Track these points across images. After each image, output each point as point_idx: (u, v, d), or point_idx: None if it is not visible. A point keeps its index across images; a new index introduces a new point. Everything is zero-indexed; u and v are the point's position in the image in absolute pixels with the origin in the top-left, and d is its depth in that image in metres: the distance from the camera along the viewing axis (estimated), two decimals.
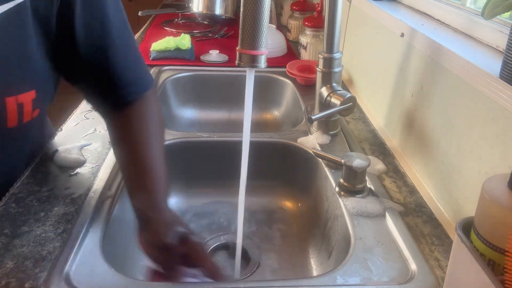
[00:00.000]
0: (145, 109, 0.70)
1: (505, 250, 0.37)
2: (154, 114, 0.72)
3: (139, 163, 0.65)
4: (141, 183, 0.64)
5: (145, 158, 0.66)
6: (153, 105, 0.72)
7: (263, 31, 0.56)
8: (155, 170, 0.65)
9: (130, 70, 0.69)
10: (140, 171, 0.64)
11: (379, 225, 0.65)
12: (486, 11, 0.57)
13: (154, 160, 0.66)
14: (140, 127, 0.69)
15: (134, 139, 0.68)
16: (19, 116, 0.62)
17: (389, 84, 0.91)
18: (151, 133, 0.69)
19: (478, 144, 0.61)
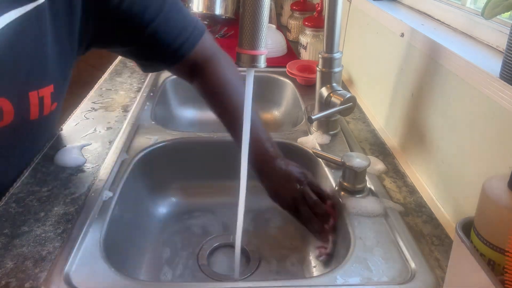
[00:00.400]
0: (213, 68, 0.75)
1: (505, 250, 0.37)
2: (218, 54, 0.76)
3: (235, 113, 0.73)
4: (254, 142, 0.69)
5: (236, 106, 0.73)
6: (212, 48, 0.76)
7: (262, 31, 0.56)
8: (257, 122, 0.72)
9: (176, 31, 0.71)
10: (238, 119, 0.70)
11: (379, 225, 0.65)
12: (486, 11, 0.57)
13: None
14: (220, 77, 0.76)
15: (226, 107, 0.75)
16: (40, 109, 0.65)
17: (389, 84, 0.91)
18: (232, 81, 0.75)
19: (478, 144, 0.61)
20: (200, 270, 0.75)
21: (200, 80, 0.76)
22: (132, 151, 0.83)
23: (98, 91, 1.07)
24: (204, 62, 0.75)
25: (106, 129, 0.89)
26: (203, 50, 0.74)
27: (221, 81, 0.75)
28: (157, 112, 1.05)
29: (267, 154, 0.71)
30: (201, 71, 0.75)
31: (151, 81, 1.15)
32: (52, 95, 0.66)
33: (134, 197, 0.80)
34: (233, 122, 0.74)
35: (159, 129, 0.91)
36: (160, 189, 0.88)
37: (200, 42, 0.73)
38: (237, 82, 0.76)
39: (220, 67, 0.76)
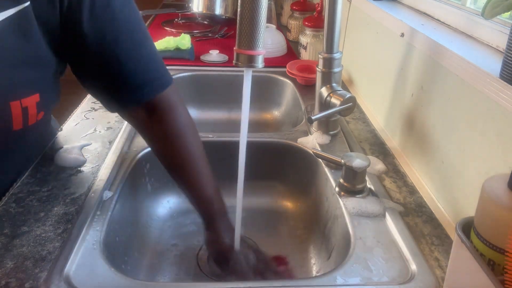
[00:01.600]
0: (169, 107, 0.71)
1: (505, 250, 0.37)
2: (180, 110, 0.72)
3: (192, 181, 0.72)
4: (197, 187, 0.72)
5: (194, 175, 0.72)
6: (176, 101, 0.72)
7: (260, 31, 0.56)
8: (205, 180, 0.72)
9: (144, 71, 0.67)
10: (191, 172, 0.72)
11: (379, 225, 0.65)
12: (486, 11, 0.57)
13: (200, 172, 0.72)
14: (175, 142, 0.71)
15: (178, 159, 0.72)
16: (24, 119, 0.62)
17: (389, 84, 0.91)
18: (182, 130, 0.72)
19: (478, 144, 0.61)
20: (200, 270, 0.75)
21: (155, 128, 0.71)
22: (132, 151, 0.83)
23: None
24: (164, 112, 0.70)
25: (106, 129, 0.89)
26: (167, 100, 0.70)
27: (175, 134, 0.71)
28: None
29: (213, 217, 0.72)
30: (158, 119, 0.70)
31: None
32: (38, 105, 0.63)
33: (134, 197, 0.80)
34: (183, 176, 0.73)
35: None
36: (160, 189, 0.88)
37: (166, 90, 0.69)
38: (192, 138, 0.73)
39: (178, 121, 0.71)
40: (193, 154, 0.72)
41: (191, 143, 0.72)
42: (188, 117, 0.73)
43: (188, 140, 0.72)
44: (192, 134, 0.73)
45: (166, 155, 0.73)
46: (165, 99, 0.69)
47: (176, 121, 0.71)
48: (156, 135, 0.72)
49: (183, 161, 0.72)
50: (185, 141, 0.71)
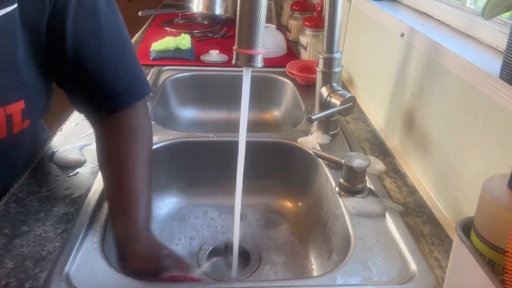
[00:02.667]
0: (134, 123, 0.68)
1: (505, 250, 0.37)
2: (143, 127, 0.69)
3: (123, 188, 0.63)
4: (123, 209, 0.62)
5: (129, 183, 0.63)
6: (142, 117, 0.69)
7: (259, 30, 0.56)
8: (138, 196, 0.63)
9: (122, 79, 0.66)
10: (124, 196, 0.63)
11: (379, 225, 0.65)
12: (486, 11, 0.57)
13: (138, 184, 0.64)
14: (126, 144, 0.66)
15: (120, 159, 0.66)
16: (8, 127, 0.60)
17: (389, 84, 0.91)
18: (137, 152, 0.66)
19: (478, 144, 0.61)
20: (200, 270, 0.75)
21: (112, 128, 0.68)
22: None
23: None
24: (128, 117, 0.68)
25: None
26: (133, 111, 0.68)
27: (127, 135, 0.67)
28: (157, 112, 1.05)
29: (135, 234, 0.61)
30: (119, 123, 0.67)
31: (151, 81, 1.15)
32: (23, 112, 0.61)
33: None
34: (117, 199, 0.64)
35: (159, 129, 0.91)
36: (160, 189, 0.88)
37: (135, 105, 0.68)
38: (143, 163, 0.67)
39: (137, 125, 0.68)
40: (138, 159, 0.66)
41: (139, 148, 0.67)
42: (148, 125, 0.71)
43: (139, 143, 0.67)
44: (146, 142, 0.69)
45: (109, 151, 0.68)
46: (135, 107, 0.68)
47: (135, 125, 0.68)
48: (110, 134, 0.68)
49: (125, 161, 0.66)
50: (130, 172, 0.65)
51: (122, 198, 0.63)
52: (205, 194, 0.92)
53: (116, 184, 0.64)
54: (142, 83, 0.70)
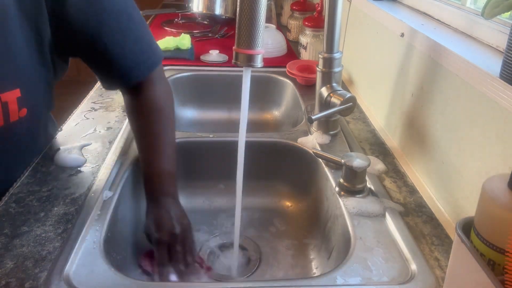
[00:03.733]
0: (151, 97, 0.74)
1: (505, 250, 0.37)
2: (161, 100, 0.76)
3: (152, 152, 0.73)
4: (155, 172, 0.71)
5: (156, 149, 0.73)
6: (158, 89, 0.75)
7: (259, 30, 0.56)
8: (165, 157, 0.73)
9: (128, 56, 0.70)
10: (154, 158, 0.72)
11: (379, 225, 0.65)
12: (486, 11, 0.57)
13: (164, 149, 0.73)
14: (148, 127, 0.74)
15: (146, 140, 0.74)
16: (4, 115, 0.62)
17: (389, 84, 0.91)
18: (160, 122, 0.74)
19: (478, 144, 0.61)
20: None
21: (136, 103, 0.76)
22: (132, 151, 0.83)
23: (98, 91, 1.07)
24: (146, 89, 0.74)
25: (106, 129, 0.89)
26: (150, 79, 0.74)
27: (150, 109, 0.75)
28: None
29: (160, 190, 0.71)
30: (140, 95, 0.75)
31: None
32: (18, 100, 0.63)
33: (134, 197, 0.80)
34: (146, 146, 0.74)
35: None
36: None
37: (149, 77, 0.73)
38: (166, 118, 0.76)
39: (157, 97, 0.75)
40: (159, 134, 0.74)
41: (160, 123, 0.75)
42: (167, 94, 0.77)
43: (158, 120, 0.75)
44: (165, 115, 0.76)
45: (136, 126, 0.76)
46: (147, 79, 0.73)
47: (155, 97, 0.75)
48: (131, 108, 0.76)
49: (152, 133, 0.74)
50: (155, 120, 0.74)
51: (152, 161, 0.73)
52: (205, 194, 0.92)
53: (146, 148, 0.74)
54: (151, 54, 0.73)
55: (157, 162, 0.72)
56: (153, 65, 0.73)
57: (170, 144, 0.74)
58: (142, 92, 0.74)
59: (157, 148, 0.73)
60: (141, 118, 0.75)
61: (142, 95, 0.74)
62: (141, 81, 0.73)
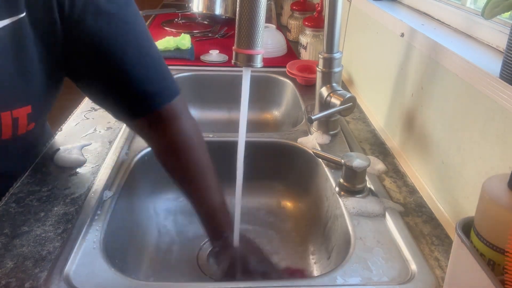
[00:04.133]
0: (174, 118, 0.68)
1: (505, 250, 0.37)
2: (188, 126, 0.70)
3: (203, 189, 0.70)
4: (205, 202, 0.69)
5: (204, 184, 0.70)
6: (183, 117, 0.69)
7: (259, 30, 0.56)
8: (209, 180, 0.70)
9: (153, 79, 0.65)
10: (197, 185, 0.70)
11: (379, 225, 0.65)
12: (486, 11, 0.57)
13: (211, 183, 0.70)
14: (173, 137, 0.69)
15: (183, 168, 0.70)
16: (13, 129, 0.61)
17: (389, 84, 0.91)
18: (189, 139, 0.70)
19: (478, 144, 0.61)
20: (200, 270, 0.75)
21: (160, 140, 0.70)
22: (132, 151, 0.83)
23: None
24: (169, 123, 0.68)
25: (106, 129, 0.89)
26: (172, 110, 0.68)
27: (180, 147, 0.69)
28: None
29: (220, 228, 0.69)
30: (163, 131, 0.68)
31: None
32: (29, 116, 0.62)
33: (134, 197, 0.80)
34: (189, 189, 0.70)
35: None
36: (160, 189, 0.88)
37: (174, 100, 0.67)
38: (198, 150, 0.70)
39: (183, 132, 0.69)
40: (199, 167, 0.70)
41: (197, 155, 0.70)
42: (194, 127, 0.71)
43: (194, 152, 0.70)
44: (198, 145, 0.70)
45: (171, 167, 0.70)
46: (171, 110, 0.67)
47: (181, 132, 0.69)
48: (161, 147, 0.70)
49: (189, 174, 0.69)
50: (191, 154, 0.69)
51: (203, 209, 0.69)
52: None
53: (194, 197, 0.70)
54: (171, 83, 0.68)
55: (206, 202, 0.69)
56: (174, 94, 0.68)
57: (210, 176, 0.70)
58: (166, 128, 0.68)
59: (201, 187, 0.70)
60: (172, 157, 0.70)
61: (170, 128, 0.68)
62: (161, 112, 0.67)
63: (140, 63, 0.63)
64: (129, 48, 0.62)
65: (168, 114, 0.67)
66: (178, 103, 0.68)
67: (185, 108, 0.70)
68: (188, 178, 0.70)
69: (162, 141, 0.69)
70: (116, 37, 0.61)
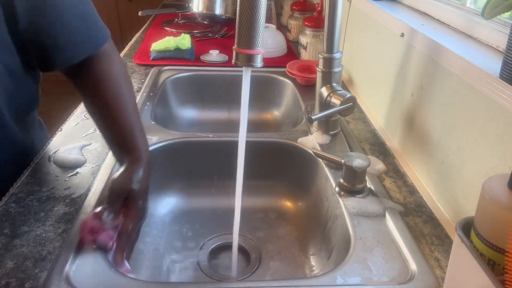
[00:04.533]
0: (106, 66, 0.72)
1: (505, 250, 0.37)
2: (116, 67, 0.74)
3: (115, 125, 0.71)
4: (122, 142, 0.70)
5: (119, 119, 0.70)
6: (111, 59, 0.74)
7: (259, 30, 0.56)
8: (131, 128, 0.71)
9: (77, 30, 0.69)
10: (118, 133, 0.71)
11: (379, 225, 0.65)
12: (486, 11, 0.57)
13: (127, 117, 0.71)
14: (104, 85, 0.71)
15: (102, 101, 0.71)
16: None
17: (389, 84, 0.91)
18: (118, 88, 0.72)
19: (478, 144, 0.61)
20: (200, 270, 0.75)
21: (88, 78, 0.73)
22: None
23: None
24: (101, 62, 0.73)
25: None
26: (102, 55, 0.72)
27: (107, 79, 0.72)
28: (157, 112, 1.05)
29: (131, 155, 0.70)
30: (92, 70, 0.72)
31: (151, 81, 1.15)
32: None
33: None
34: (109, 115, 0.72)
35: (159, 129, 0.91)
36: (160, 189, 0.88)
37: (102, 48, 0.72)
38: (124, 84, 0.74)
39: (110, 69, 0.73)
40: (123, 97, 0.72)
41: (122, 90, 0.72)
42: (121, 66, 0.75)
43: (120, 86, 0.72)
44: (125, 81, 0.74)
45: (95, 96, 0.72)
46: (101, 54, 0.72)
47: (108, 69, 0.72)
48: (88, 82, 0.73)
49: (112, 102, 0.71)
50: (117, 86, 0.72)
51: (120, 135, 0.71)
52: (205, 194, 0.92)
53: (107, 123, 0.72)
54: (100, 30, 0.72)
55: (125, 128, 0.71)
56: (102, 39, 0.72)
57: (131, 102, 0.73)
58: (96, 66, 0.72)
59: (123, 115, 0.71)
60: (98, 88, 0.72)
61: (97, 68, 0.72)
62: (92, 56, 0.71)
63: (74, 11, 0.67)
64: (52, 4, 0.65)
65: (100, 57, 0.72)
66: (106, 50, 0.73)
67: (111, 48, 0.75)
68: (109, 107, 0.71)
69: (89, 78, 0.72)
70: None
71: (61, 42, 0.68)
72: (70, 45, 0.69)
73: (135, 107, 0.73)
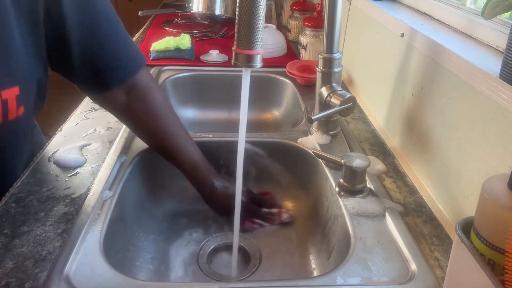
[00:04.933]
0: (147, 84, 0.76)
1: (505, 250, 0.37)
2: (156, 86, 0.79)
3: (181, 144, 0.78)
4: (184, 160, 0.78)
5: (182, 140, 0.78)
6: (152, 80, 0.79)
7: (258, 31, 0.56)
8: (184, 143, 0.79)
9: (124, 51, 0.72)
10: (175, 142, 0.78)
11: (379, 225, 0.65)
12: (486, 11, 0.57)
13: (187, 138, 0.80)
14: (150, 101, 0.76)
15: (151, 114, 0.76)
16: (3, 112, 0.62)
17: (389, 84, 0.91)
18: (162, 104, 0.78)
19: (478, 144, 0.61)
20: (200, 270, 0.75)
21: (135, 107, 0.76)
22: (132, 151, 0.83)
23: None
24: (144, 90, 0.76)
25: (106, 129, 0.90)
26: (144, 79, 0.76)
27: (156, 111, 0.77)
28: None
29: (205, 178, 0.79)
30: (139, 98, 0.76)
31: None
32: (17, 98, 0.63)
33: (134, 197, 0.80)
34: (168, 147, 0.78)
35: None
36: (160, 189, 0.88)
37: (142, 70, 0.75)
38: (172, 113, 0.80)
39: (157, 98, 0.78)
40: (175, 126, 0.78)
41: (171, 117, 0.78)
42: (163, 95, 0.80)
43: (169, 115, 0.78)
44: (171, 109, 0.79)
45: (148, 131, 0.78)
46: (143, 78, 0.75)
47: (156, 98, 0.77)
48: (136, 114, 0.77)
49: (167, 134, 0.77)
50: (166, 116, 0.77)
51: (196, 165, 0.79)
52: None
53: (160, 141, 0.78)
54: (139, 53, 0.76)
55: (187, 156, 0.78)
56: (143, 62, 0.76)
57: (186, 134, 0.80)
58: (142, 95, 0.76)
59: (180, 144, 0.78)
60: (149, 121, 0.77)
61: (143, 98, 0.76)
62: (135, 80, 0.74)
63: (112, 35, 0.70)
64: (101, 20, 0.68)
65: (140, 83, 0.75)
66: (145, 72, 0.77)
67: (151, 76, 0.80)
68: (168, 139, 0.77)
69: (136, 109, 0.76)
70: (89, 10, 0.66)
71: (110, 64, 0.71)
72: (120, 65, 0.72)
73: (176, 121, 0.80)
